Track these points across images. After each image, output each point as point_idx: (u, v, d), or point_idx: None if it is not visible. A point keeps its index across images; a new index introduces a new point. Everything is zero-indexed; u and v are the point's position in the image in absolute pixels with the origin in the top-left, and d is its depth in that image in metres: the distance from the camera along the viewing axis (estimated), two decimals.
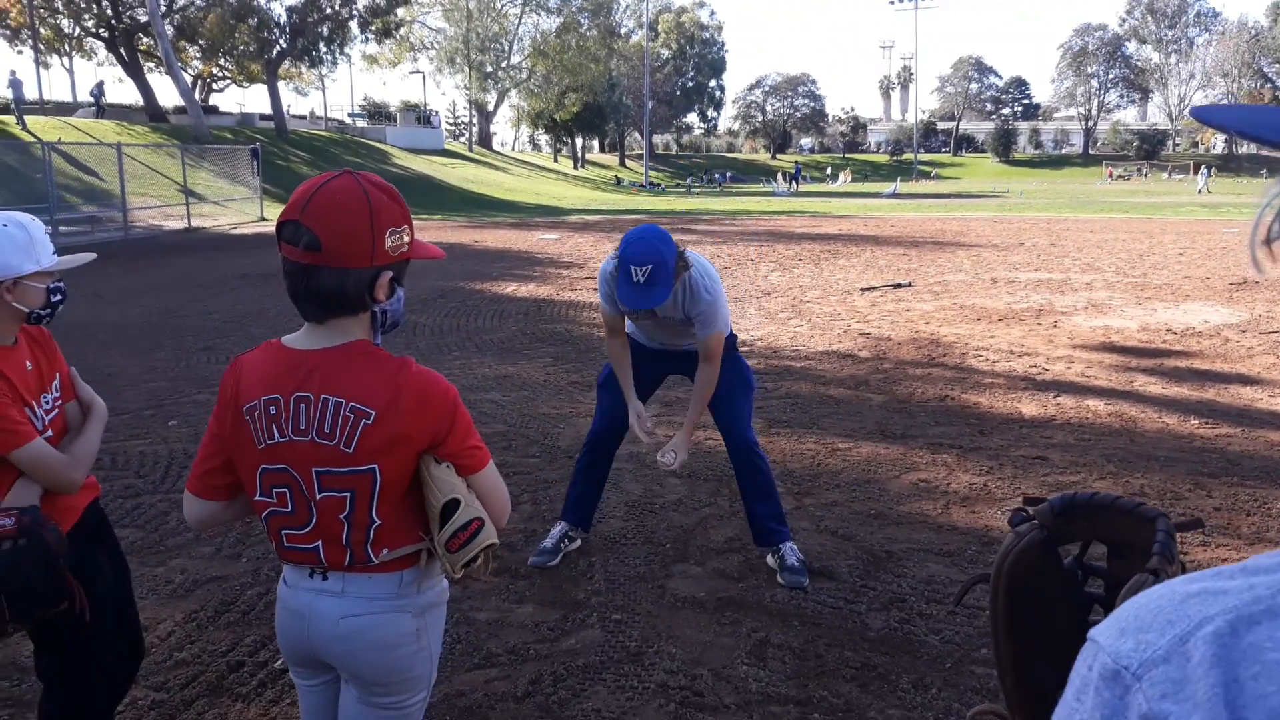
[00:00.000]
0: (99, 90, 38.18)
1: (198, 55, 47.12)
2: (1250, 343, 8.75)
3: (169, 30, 39.11)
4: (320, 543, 1.69)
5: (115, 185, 22.53)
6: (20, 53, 46.29)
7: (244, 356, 1.76)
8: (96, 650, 2.32)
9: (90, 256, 2.52)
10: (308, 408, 1.64)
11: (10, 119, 28.86)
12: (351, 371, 1.65)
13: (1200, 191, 45.85)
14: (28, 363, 2.21)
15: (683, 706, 3.08)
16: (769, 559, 4.09)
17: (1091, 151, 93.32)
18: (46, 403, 2.21)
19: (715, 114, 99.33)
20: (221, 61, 48.06)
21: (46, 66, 49.28)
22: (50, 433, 2.20)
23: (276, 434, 1.66)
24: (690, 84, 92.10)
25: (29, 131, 27.75)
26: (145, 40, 42.43)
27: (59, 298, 2.28)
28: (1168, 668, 0.53)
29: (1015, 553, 1.03)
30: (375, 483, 1.65)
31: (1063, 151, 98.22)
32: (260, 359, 1.72)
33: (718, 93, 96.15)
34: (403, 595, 1.73)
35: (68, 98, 49.61)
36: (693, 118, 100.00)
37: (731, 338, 4.11)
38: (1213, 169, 54.95)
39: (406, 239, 1.69)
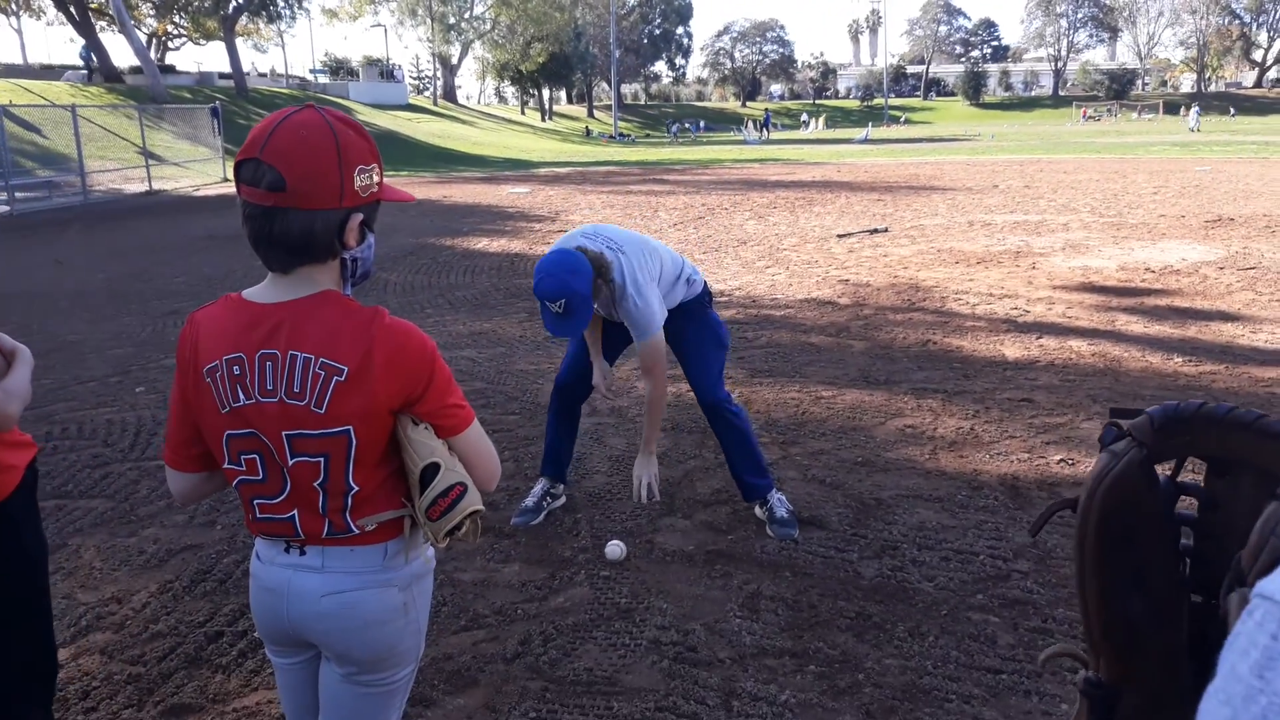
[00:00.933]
0: (87, 52, 37.18)
1: (151, 13, 45.88)
2: (1229, 279, 8.74)
3: None
4: (296, 511, 1.56)
5: (71, 149, 21.93)
6: None
7: (200, 312, 1.61)
8: (39, 609, 2.19)
9: None
10: (275, 366, 1.50)
11: None
12: (320, 325, 1.51)
13: (1193, 130, 45.92)
14: None
15: (676, 662, 3.01)
16: (757, 510, 4.02)
17: (1061, 92, 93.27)
18: None
19: (683, 62, 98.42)
20: (177, 19, 46.85)
21: None
22: None
23: (242, 396, 1.52)
24: (657, 32, 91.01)
25: None
26: None
27: None
28: None
29: (1113, 476, 0.88)
30: (350, 445, 1.52)
31: (1033, 93, 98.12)
32: (219, 315, 1.57)
33: (685, 40, 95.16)
34: (388, 568, 1.61)
35: (17, 59, 48.26)
36: (661, 66, 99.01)
37: (706, 294, 4.00)
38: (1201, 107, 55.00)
39: (376, 179, 1.55)
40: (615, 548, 3.72)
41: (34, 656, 2.17)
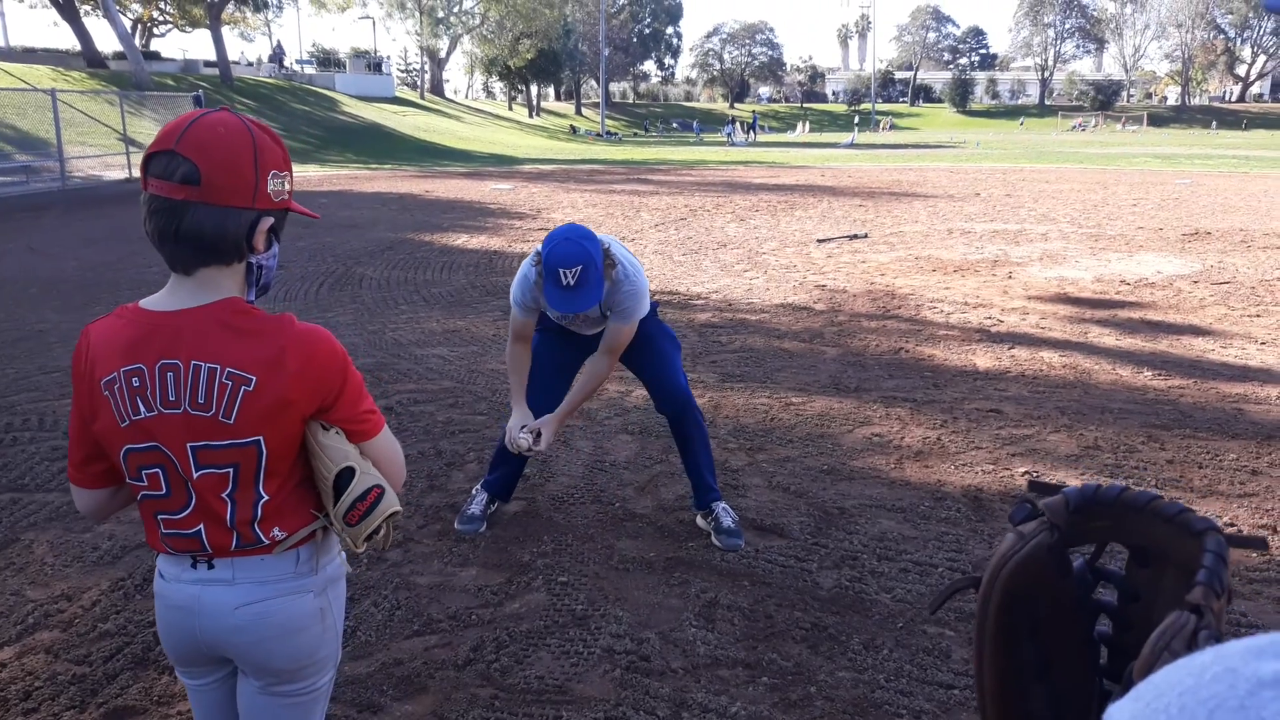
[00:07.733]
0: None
1: None
2: (1202, 294, 8.79)
3: None
4: (202, 526, 1.53)
5: (51, 133, 21.70)
6: None
7: (95, 325, 1.56)
8: None
9: None
10: (177, 376, 1.47)
11: None
12: (225, 332, 1.47)
13: None
14: None
15: (629, 671, 2.99)
16: (700, 521, 3.96)
17: (1048, 102, 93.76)
18: None
19: (673, 62, 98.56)
20: (162, 5, 46.48)
21: None
22: None
23: (143, 408, 1.48)
24: (647, 31, 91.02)
25: None
26: None
27: None
28: None
29: (1017, 560, 0.78)
30: (260, 455, 1.49)
31: (1019, 102, 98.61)
32: (114, 326, 1.52)
33: (675, 40, 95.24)
34: (300, 574, 1.58)
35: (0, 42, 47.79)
36: (650, 65, 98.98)
37: (653, 305, 3.87)
38: None
39: (288, 187, 1.53)
40: (526, 437, 3.62)
41: None
